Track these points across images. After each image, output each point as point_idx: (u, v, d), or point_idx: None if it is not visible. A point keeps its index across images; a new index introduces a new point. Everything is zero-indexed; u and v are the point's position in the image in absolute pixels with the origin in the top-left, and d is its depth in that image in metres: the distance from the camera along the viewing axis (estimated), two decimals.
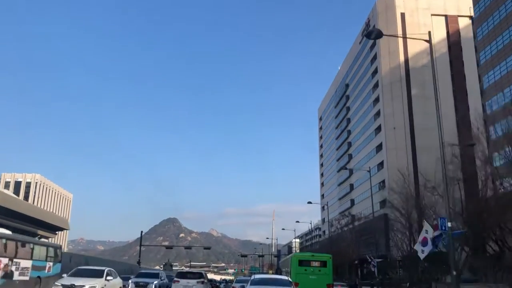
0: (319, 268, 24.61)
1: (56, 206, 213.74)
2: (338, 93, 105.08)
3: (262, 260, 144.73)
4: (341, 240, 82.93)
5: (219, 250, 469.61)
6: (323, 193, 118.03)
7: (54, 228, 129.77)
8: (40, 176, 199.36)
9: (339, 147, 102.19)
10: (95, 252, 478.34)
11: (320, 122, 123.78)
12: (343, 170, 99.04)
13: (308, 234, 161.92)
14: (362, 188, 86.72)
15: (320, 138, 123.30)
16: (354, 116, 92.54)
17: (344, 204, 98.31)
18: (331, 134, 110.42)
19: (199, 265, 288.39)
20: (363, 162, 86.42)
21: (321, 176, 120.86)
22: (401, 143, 74.06)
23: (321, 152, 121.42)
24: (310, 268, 24.49)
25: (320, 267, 24.73)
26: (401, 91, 75.78)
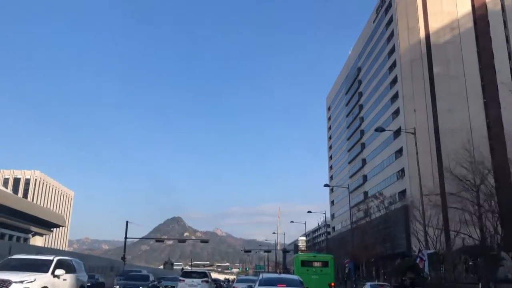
0: (321, 268, 24.95)
1: (57, 204, 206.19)
2: (349, 78, 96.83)
3: (268, 259, 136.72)
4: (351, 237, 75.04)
5: (223, 250, 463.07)
6: (332, 187, 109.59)
7: (49, 225, 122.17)
8: (40, 173, 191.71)
9: (351, 137, 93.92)
10: (100, 251, 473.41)
11: (329, 112, 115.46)
12: (355, 161, 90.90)
13: (315, 231, 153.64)
14: (378, 179, 78.56)
15: (328, 129, 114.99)
16: (368, 101, 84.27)
17: (356, 197, 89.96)
18: (341, 124, 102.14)
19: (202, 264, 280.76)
20: (378, 150, 78.25)
21: (329, 169, 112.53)
22: (422, 127, 65.67)
23: (329, 144, 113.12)
24: (312, 268, 24.79)
25: (322, 267, 25.08)
26: (422, 71, 67.53)
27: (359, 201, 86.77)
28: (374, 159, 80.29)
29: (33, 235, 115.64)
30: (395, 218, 66.66)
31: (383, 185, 75.95)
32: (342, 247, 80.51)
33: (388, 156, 73.76)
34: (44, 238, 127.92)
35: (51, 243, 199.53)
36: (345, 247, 70.50)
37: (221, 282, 53.67)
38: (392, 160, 71.99)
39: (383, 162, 75.71)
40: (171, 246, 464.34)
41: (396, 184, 70.29)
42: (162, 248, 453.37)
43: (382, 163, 76.04)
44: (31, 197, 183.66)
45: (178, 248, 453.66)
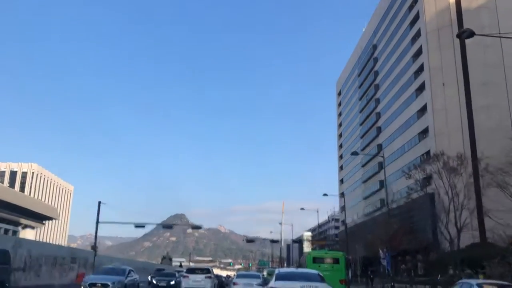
0: (332, 265, 25.07)
1: (55, 198, 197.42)
2: (363, 58, 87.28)
3: (272, 254, 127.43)
4: (367, 229, 66.05)
5: (226, 246, 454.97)
6: (342, 178, 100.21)
7: (41, 217, 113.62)
8: (37, 166, 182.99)
9: (364, 121, 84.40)
10: (103, 247, 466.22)
11: (339, 98, 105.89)
12: (369, 147, 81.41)
13: (322, 226, 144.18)
14: (397, 165, 69.06)
15: (338, 116, 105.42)
16: (385, 80, 74.77)
17: (370, 188, 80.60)
18: (353, 108, 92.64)
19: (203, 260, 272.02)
20: (397, 133, 68.76)
21: (339, 159, 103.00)
22: (452, 103, 56.33)
23: (339, 131, 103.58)
24: (324, 265, 24.66)
25: (333, 263, 25.23)
26: (452, 39, 57.77)
27: (375, 190, 77.48)
28: (392, 144, 70.81)
29: (24, 228, 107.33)
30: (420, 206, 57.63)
31: (402, 173, 66.47)
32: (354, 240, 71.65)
33: (410, 138, 64.29)
34: (36, 231, 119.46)
35: (49, 237, 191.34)
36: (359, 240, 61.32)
37: (222, 278, 52.20)
38: (415, 142, 62.49)
39: (403, 146, 66.20)
40: (174, 242, 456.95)
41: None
42: (165, 245, 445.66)
43: (402, 147, 66.53)
44: (28, 191, 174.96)
45: (181, 244, 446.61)
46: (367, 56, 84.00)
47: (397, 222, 54.69)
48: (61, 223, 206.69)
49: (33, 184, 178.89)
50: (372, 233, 56.37)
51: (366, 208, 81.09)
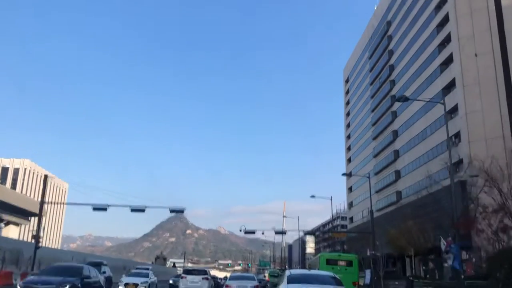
0: (346, 267, 24.73)
1: (49, 196, 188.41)
2: (374, 38, 78.55)
3: (274, 255, 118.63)
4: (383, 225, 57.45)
5: (226, 248, 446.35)
6: (350, 171, 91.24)
7: (25, 213, 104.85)
8: (30, 162, 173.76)
9: (376, 107, 75.68)
10: (102, 248, 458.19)
11: (347, 85, 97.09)
12: (382, 135, 72.68)
13: (326, 225, 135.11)
14: (414, 154, 60.40)
15: (346, 105, 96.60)
16: (402, 58, 66.13)
17: (383, 180, 71.78)
18: (363, 95, 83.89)
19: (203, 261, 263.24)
20: (418, 115, 59.97)
21: (347, 151, 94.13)
22: (487, 75, 47.63)
23: (347, 121, 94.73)
24: (337, 267, 24.10)
25: (347, 266, 24.82)
26: (486, 2, 49.39)
27: (390, 181, 68.66)
28: (410, 129, 62.03)
29: (6, 224, 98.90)
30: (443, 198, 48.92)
31: (423, 160, 57.73)
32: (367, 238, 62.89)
33: (432, 121, 55.50)
34: (21, 228, 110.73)
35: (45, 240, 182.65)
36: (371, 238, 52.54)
37: (218, 280, 50.64)
38: (440, 124, 53.64)
39: (425, 130, 57.39)
40: (174, 243, 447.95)
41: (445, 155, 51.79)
42: (164, 245, 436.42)
43: (424, 131, 57.71)
44: (20, 188, 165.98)
45: (180, 245, 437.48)
46: (380, 35, 75.33)
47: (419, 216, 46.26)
48: (56, 222, 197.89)
49: (26, 181, 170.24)
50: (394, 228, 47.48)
51: (379, 203, 72.24)
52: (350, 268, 25.06)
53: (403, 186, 64.32)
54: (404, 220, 45.32)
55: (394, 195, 66.07)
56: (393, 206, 64.86)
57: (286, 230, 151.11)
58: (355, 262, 25.66)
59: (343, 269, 24.61)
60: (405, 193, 63.44)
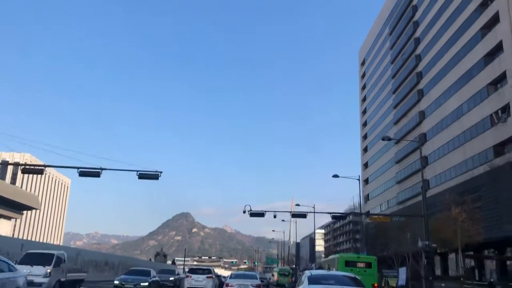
0: (365, 269, 24.37)
1: (50, 192, 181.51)
2: (396, 10, 69.85)
3: (282, 252, 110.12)
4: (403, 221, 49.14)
5: (232, 246, 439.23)
6: (366, 161, 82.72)
7: (18, 206, 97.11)
8: (31, 156, 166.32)
9: (399, 87, 67.09)
10: (108, 245, 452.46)
11: (362, 68, 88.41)
12: (406, 117, 64.08)
13: (336, 222, 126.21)
14: (446, 136, 51.77)
15: (362, 90, 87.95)
16: (431, 26, 57.41)
17: (406, 168, 63.14)
18: (383, 75, 75.20)
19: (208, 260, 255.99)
20: (452, 90, 51.31)
21: (363, 140, 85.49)
22: None
23: (363, 107, 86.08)
24: (356, 269, 23.80)
25: (366, 268, 24.45)
26: None
27: (415, 170, 60.02)
28: (442, 108, 53.40)
29: None
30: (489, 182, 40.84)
31: (458, 142, 49.16)
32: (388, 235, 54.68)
33: (470, 96, 46.95)
34: (14, 222, 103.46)
35: (42, 233, 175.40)
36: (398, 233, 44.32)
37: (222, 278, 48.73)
38: (481, 98, 45.03)
39: (461, 107, 48.78)
40: (180, 241, 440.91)
41: (489, 134, 43.33)
42: (170, 244, 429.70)
43: (459, 108, 49.07)
44: (20, 182, 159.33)
45: (186, 243, 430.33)
46: (403, 6, 66.68)
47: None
48: (57, 218, 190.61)
49: (26, 176, 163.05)
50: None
51: (401, 194, 63.66)
52: (369, 270, 24.50)
53: (431, 173, 55.65)
54: (446, 207, 36.71)
55: (421, 184, 57.34)
56: (420, 197, 56.11)
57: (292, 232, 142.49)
58: (374, 263, 25.03)
59: (362, 270, 24.05)
60: (434, 182, 54.89)
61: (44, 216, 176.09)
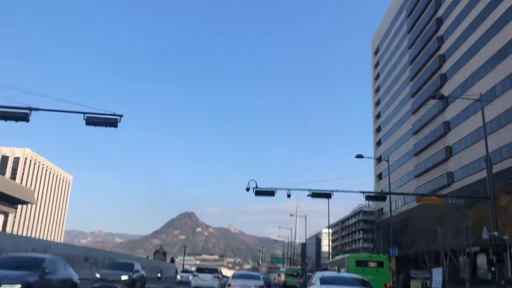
0: (376, 269, 23.85)
1: (51, 188, 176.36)
2: None
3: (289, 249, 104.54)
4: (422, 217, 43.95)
5: (236, 246, 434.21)
6: (380, 155, 76.95)
7: (12, 200, 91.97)
8: (31, 151, 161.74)
9: (418, 73, 61.35)
10: (112, 244, 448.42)
11: (376, 57, 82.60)
12: (426, 106, 58.27)
13: (345, 221, 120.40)
14: (474, 123, 45.87)
15: (375, 80, 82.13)
16: (457, 3, 51.62)
17: (427, 161, 57.29)
18: (400, 61, 69.37)
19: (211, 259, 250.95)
20: (482, 71, 45.49)
21: (376, 133, 79.71)
22: None
23: (376, 98, 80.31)
24: (367, 269, 23.49)
25: (377, 267, 23.93)
26: None
27: (436, 163, 54.30)
28: (468, 92, 47.38)
29: None
30: None
31: (489, 129, 43.28)
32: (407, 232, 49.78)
33: (505, 76, 41.22)
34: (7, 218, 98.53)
35: (41, 230, 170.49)
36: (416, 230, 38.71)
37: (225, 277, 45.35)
38: None
39: (494, 89, 43.01)
40: (184, 240, 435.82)
41: None
42: (174, 243, 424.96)
43: (492, 90, 43.27)
44: (20, 178, 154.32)
45: (190, 243, 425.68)
46: None
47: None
48: (58, 216, 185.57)
49: (26, 171, 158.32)
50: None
51: (420, 189, 57.85)
52: (381, 269, 23.88)
53: (456, 165, 49.85)
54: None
55: (444, 177, 51.60)
56: (443, 190, 50.44)
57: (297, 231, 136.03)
58: (386, 262, 24.43)
59: (374, 270, 23.62)
60: (459, 175, 49.09)
61: (44, 212, 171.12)
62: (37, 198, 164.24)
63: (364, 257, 25.52)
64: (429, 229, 36.25)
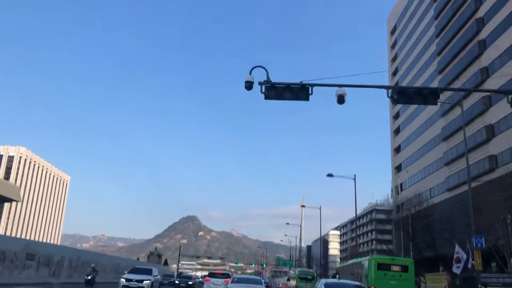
0: (400, 273, 21.03)
1: (47, 188, 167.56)
2: None
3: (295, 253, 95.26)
4: None
5: (239, 250, 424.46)
6: (398, 145, 67.93)
7: None
8: (26, 149, 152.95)
9: (446, 46, 52.32)
10: (114, 248, 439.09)
11: (392, 37, 73.63)
12: (457, 82, 49.08)
13: (353, 222, 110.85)
14: None
15: (391, 62, 73.06)
16: None
17: (460, 145, 48.07)
18: (423, 35, 60.30)
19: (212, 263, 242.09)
20: None
21: (393, 120, 70.61)
22: None
23: (394, 81, 71.19)
24: (390, 273, 20.84)
25: (401, 272, 21.14)
26: None
27: (473, 145, 45.15)
28: None
29: None
30: None
31: None
32: None
33: None
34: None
35: (39, 233, 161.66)
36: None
37: None
38: None
39: None
40: (185, 245, 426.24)
41: None
42: (176, 246, 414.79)
43: None
44: (14, 177, 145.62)
45: (192, 246, 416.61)
46: None
47: None
48: (54, 218, 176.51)
49: (21, 170, 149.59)
50: None
51: (453, 178, 48.67)
52: (405, 274, 20.87)
53: (501, 147, 40.75)
54: None
55: (487, 160, 42.42)
56: (486, 177, 41.26)
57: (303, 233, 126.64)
58: (411, 267, 21.19)
59: (397, 275, 20.75)
60: (506, 158, 40.00)
61: (40, 213, 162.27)
62: (32, 198, 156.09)
63: (386, 260, 22.69)
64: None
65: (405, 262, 22.53)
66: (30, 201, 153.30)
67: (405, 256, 46.31)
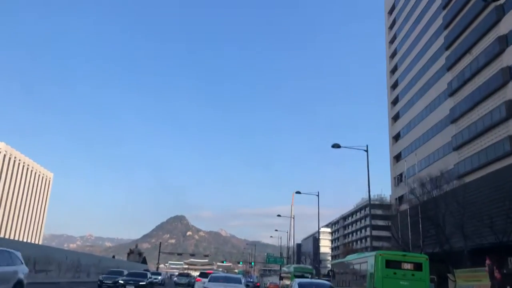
0: (413, 272, 17.74)
1: (29, 185, 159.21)
2: None
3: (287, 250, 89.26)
4: None
5: (227, 250, 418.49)
6: (398, 132, 62.19)
7: None
8: (5, 145, 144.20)
9: (456, 16, 46.52)
10: (101, 248, 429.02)
11: (390, 17, 67.96)
12: (460, 64, 43.38)
13: (346, 218, 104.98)
14: None
15: (390, 44, 67.33)
16: None
17: (473, 125, 42.28)
18: (428, 8, 54.47)
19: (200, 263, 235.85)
20: None
21: (392, 106, 64.87)
22: None
23: (392, 65, 65.48)
24: (400, 271, 17.75)
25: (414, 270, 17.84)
26: None
27: (494, 122, 39.38)
28: None
29: None
30: None
31: None
32: None
33: None
34: None
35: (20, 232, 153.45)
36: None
37: None
38: None
39: None
40: (173, 244, 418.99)
41: None
42: (164, 247, 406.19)
43: None
44: None
45: (180, 246, 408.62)
46: None
47: None
48: (36, 216, 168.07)
49: (0, 166, 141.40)
50: None
51: (463, 164, 42.84)
52: (418, 273, 17.57)
53: None
54: None
55: (506, 142, 36.55)
56: (502, 162, 35.44)
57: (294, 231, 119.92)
58: (425, 264, 17.85)
59: (409, 274, 17.49)
60: None
61: (21, 212, 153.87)
62: (12, 196, 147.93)
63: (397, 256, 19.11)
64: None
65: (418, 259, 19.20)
66: (10, 199, 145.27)
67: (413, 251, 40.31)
